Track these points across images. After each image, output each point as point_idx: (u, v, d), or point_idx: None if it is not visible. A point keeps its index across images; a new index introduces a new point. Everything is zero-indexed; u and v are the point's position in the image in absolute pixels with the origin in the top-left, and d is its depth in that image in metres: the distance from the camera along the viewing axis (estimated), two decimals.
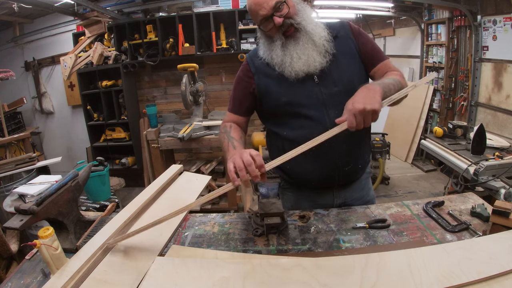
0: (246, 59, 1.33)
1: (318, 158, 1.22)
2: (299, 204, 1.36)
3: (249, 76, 1.28)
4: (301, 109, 1.20)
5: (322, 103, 1.19)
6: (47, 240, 0.87)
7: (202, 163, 3.43)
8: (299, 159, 1.07)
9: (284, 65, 1.17)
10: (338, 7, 5.10)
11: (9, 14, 3.79)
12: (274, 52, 1.18)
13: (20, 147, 3.58)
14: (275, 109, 1.25)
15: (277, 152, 1.25)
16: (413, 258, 0.88)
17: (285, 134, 1.25)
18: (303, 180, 1.31)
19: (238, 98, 1.34)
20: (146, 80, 4.16)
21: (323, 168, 1.25)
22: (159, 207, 1.31)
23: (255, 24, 1.22)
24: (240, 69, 1.34)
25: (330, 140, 1.04)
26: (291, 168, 1.30)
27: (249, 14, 1.19)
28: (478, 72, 3.70)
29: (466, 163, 2.10)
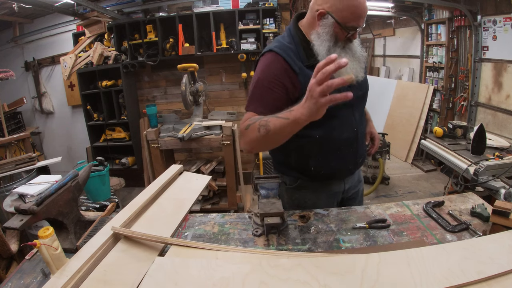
0: (279, 53, 1.15)
1: (345, 155, 1.31)
2: (314, 195, 1.40)
3: (290, 76, 1.14)
4: (336, 111, 1.14)
5: (350, 105, 1.25)
6: (47, 240, 0.87)
7: (202, 163, 3.42)
8: (329, 158, 1.26)
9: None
10: None
11: (9, 14, 3.79)
12: (329, 51, 1.11)
13: (20, 147, 3.58)
14: None
15: (296, 157, 1.32)
16: (413, 258, 0.88)
17: (317, 137, 1.24)
18: (328, 175, 1.36)
19: (273, 100, 1.14)
20: (146, 80, 4.16)
21: (347, 163, 1.36)
22: (159, 207, 1.31)
23: (339, 22, 1.09)
24: (266, 68, 1.17)
25: (354, 139, 1.26)
26: (315, 169, 1.31)
27: (344, 11, 1.08)
28: (478, 72, 3.70)
29: (466, 163, 2.10)
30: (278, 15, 3.58)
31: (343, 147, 1.25)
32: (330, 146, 1.23)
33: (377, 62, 6.56)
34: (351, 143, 1.29)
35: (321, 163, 1.28)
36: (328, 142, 1.23)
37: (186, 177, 1.60)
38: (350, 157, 1.35)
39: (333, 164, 1.32)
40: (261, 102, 1.16)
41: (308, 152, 1.27)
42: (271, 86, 1.15)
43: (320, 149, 1.23)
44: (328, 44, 1.12)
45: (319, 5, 1.12)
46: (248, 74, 3.83)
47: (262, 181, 1.28)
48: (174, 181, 1.54)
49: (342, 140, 1.27)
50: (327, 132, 1.24)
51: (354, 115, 1.29)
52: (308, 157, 1.29)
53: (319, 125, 1.14)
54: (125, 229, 1.06)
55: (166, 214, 1.26)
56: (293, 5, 3.80)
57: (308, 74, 1.06)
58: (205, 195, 3.39)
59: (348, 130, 1.26)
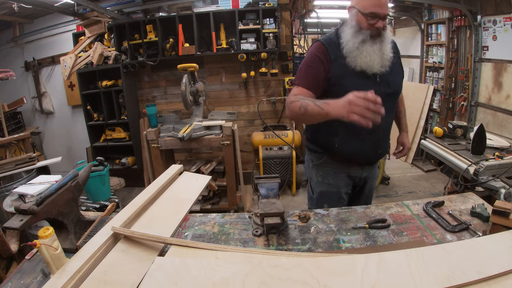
0: (323, 43, 1.40)
1: (366, 140, 1.47)
2: (334, 176, 1.58)
3: (328, 61, 1.38)
4: None
5: None
6: (47, 240, 0.87)
7: (202, 163, 3.42)
8: (351, 140, 1.45)
9: (357, 53, 1.34)
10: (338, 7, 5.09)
11: (9, 14, 3.78)
12: (355, 39, 1.34)
13: (20, 147, 3.58)
14: (340, 96, 1.29)
15: (325, 133, 1.51)
16: (413, 258, 0.88)
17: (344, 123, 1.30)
18: (348, 156, 1.53)
19: (316, 77, 1.40)
20: (146, 80, 4.16)
21: (368, 149, 1.52)
22: (159, 207, 1.31)
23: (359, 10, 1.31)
24: (315, 49, 1.41)
25: (376, 129, 1.32)
26: (339, 147, 1.50)
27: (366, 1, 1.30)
28: (478, 72, 3.70)
29: (466, 163, 2.10)
30: (278, 15, 3.58)
31: (364, 133, 1.42)
32: (352, 130, 1.37)
33: None
34: (373, 131, 1.37)
35: (344, 142, 1.48)
36: (352, 125, 1.27)
37: (186, 177, 1.60)
38: (370, 145, 1.51)
39: (355, 146, 1.49)
40: (305, 78, 1.43)
41: (335, 130, 1.47)
42: (312, 65, 1.41)
43: (344, 130, 1.44)
44: (352, 30, 1.34)
45: (351, 3, 1.35)
46: (248, 74, 3.83)
47: (262, 181, 1.28)
48: (174, 181, 1.54)
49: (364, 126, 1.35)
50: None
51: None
52: (335, 135, 1.48)
53: None
54: (125, 229, 1.06)
55: (166, 214, 1.26)
56: (293, 5, 3.80)
57: (343, 62, 1.36)
58: (205, 195, 3.39)
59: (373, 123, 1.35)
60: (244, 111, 4.12)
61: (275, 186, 1.27)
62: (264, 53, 3.62)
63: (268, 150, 3.70)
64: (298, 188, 3.94)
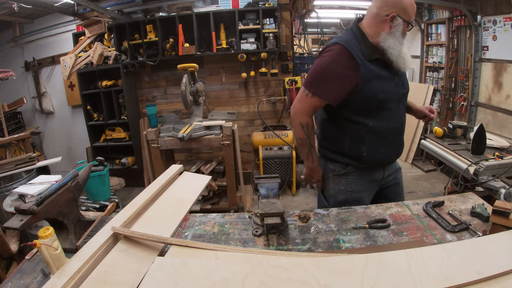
0: (345, 48, 1.32)
1: (391, 144, 1.48)
2: (357, 183, 1.54)
3: (353, 67, 1.32)
4: (388, 103, 1.41)
5: (398, 99, 1.45)
6: (47, 240, 0.87)
7: (202, 163, 3.42)
8: (378, 145, 1.44)
9: (401, 55, 1.36)
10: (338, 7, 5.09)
11: (9, 14, 3.78)
12: (400, 44, 1.35)
13: (20, 147, 3.58)
14: (369, 102, 1.38)
15: (351, 143, 1.46)
16: (413, 258, 0.88)
17: (370, 125, 1.40)
18: (375, 162, 1.50)
19: (335, 86, 1.35)
20: (146, 80, 4.16)
21: (393, 151, 1.52)
22: (159, 207, 1.31)
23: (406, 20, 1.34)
24: (334, 55, 1.34)
25: (400, 130, 1.48)
26: (367, 155, 1.46)
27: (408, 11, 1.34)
28: (478, 72, 3.70)
29: (466, 163, 2.10)
30: (278, 15, 3.57)
31: (390, 136, 1.45)
32: (380, 134, 1.42)
33: None
34: (397, 132, 1.49)
35: (372, 149, 1.44)
36: (378, 130, 1.41)
37: (186, 177, 1.60)
38: (395, 146, 1.52)
39: (382, 151, 1.47)
40: (325, 88, 1.36)
41: (361, 138, 1.43)
42: (336, 76, 1.34)
43: (372, 137, 1.42)
44: (401, 39, 1.35)
45: (387, 11, 1.33)
46: (248, 74, 3.83)
47: (262, 181, 1.28)
48: (174, 181, 1.54)
49: (390, 129, 1.45)
50: (378, 121, 1.41)
51: (399, 109, 1.48)
52: (362, 143, 1.44)
53: (372, 115, 1.40)
54: (125, 229, 1.06)
55: (166, 214, 1.26)
56: (293, 5, 3.80)
57: (368, 66, 1.33)
58: (205, 195, 3.39)
59: (395, 121, 1.45)
60: (244, 111, 4.12)
61: (275, 186, 1.27)
62: (264, 53, 3.62)
63: (268, 150, 3.70)
64: (298, 188, 3.94)
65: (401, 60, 1.37)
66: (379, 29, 1.35)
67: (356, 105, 1.39)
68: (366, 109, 1.39)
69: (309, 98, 1.39)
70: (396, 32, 1.33)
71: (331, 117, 1.51)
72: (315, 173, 1.56)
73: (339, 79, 1.34)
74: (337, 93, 1.36)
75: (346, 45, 1.33)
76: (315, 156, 1.51)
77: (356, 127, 1.42)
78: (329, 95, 1.37)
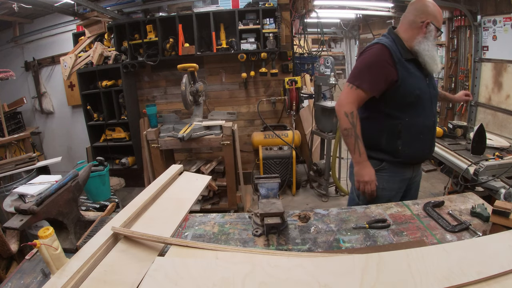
0: (386, 46, 1.49)
1: (424, 141, 1.60)
2: (389, 180, 1.62)
3: (391, 64, 1.47)
4: (422, 100, 1.54)
5: (430, 99, 1.58)
6: (47, 240, 0.87)
7: (202, 163, 3.42)
8: (413, 141, 1.55)
9: (434, 60, 1.52)
10: (338, 7, 5.10)
11: (9, 14, 3.78)
12: (433, 47, 1.51)
13: (20, 147, 3.58)
14: (406, 98, 1.51)
15: (387, 138, 1.57)
16: (413, 258, 0.88)
17: (406, 120, 1.53)
18: (409, 157, 1.59)
19: (377, 79, 1.48)
20: (146, 80, 4.16)
21: (426, 148, 1.63)
22: (159, 207, 1.31)
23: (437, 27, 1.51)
24: (375, 52, 1.50)
25: (432, 127, 1.61)
26: (402, 149, 1.56)
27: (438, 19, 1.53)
28: (478, 72, 3.70)
29: (466, 163, 2.10)
30: (278, 15, 3.57)
31: (424, 133, 1.57)
32: (415, 130, 1.54)
33: None
34: (430, 130, 1.61)
35: (407, 144, 1.55)
36: (414, 126, 1.54)
37: (186, 177, 1.60)
38: (428, 143, 1.63)
39: (416, 146, 1.58)
40: (367, 81, 1.49)
41: (398, 133, 1.55)
42: (378, 70, 1.48)
43: (407, 131, 1.54)
44: (433, 43, 1.51)
45: (422, 18, 1.50)
46: (248, 74, 3.83)
47: (262, 181, 1.28)
48: (174, 181, 1.54)
49: (424, 126, 1.57)
50: (414, 117, 1.53)
51: (432, 108, 1.61)
52: (398, 138, 1.56)
53: (408, 111, 1.52)
54: (125, 229, 1.06)
55: (166, 214, 1.26)
56: (293, 5, 3.80)
57: (405, 65, 1.49)
58: (205, 195, 3.39)
59: (429, 119, 1.58)
60: (244, 111, 4.12)
61: (275, 186, 1.27)
62: (264, 53, 3.62)
63: (268, 150, 3.70)
64: (298, 188, 3.94)
65: (433, 62, 1.51)
66: (414, 34, 1.51)
67: (394, 101, 1.52)
68: (403, 105, 1.52)
69: (353, 90, 1.52)
70: (429, 37, 1.50)
71: (370, 115, 1.61)
72: (364, 169, 1.54)
73: (380, 71, 1.48)
74: (378, 84, 1.48)
75: (386, 44, 1.49)
76: (362, 149, 1.52)
77: (393, 122, 1.54)
78: (371, 86, 1.49)
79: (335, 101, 3.59)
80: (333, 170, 3.54)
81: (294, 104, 3.74)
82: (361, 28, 7.20)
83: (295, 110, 3.82)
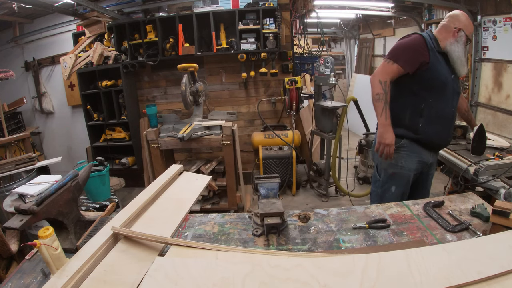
0: (422, 36, 1.73)
1: (444, 126, 1.80)
2: (408, 159, 1.81)
3: (425, 49, 1.70)
4: (447, 89, 1.74)
5: (452, 92, 1.78)
6: (47, 240, 0.87)
7: (202, 163, 3.42)
8: (434, 121, 1.75)
9: (460, 59, 1.73)
10: (338, 7, 5.10)
11: (9, 14, 3.78)
12: (461, 51, 1.73)
13: (20, 147, 3.58)
14: (433, 81, 1.71)
15: (411, 114, 1.77)
16: (413, 258, 0.88)
17: (430, 101, 1.73)
18: (427, 138, 1.78)
19: (412, 58, 1.70)
20: (146, 80, 4.16)
21: (444, 132, 1.82)
22: (159, 207, 1.31)
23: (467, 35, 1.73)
24: (413, 38, 1.75)
25: (451, 117, 1.81)
26: (422, 126, 1.76)
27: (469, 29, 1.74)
28: (478, 72, 3.70)
29: (466, 163, 2.10)
30: (278, 15, 3.57)
31: (443, 118, 1.77)
32: (436, 112, 1.74)
33: (377, 62, 6.56)
34: (450, 118, 1.81)
35: (428, 122, 1.75)
36: (435, 108, 1.74)
37: (186, 177, 1.60)
38: (446, 130, 1.83)
39: (435, 128, 1.77)
40: (401, 57, 1.72)
41: (421, 110, 1.75)
42: (413, 48, 1.72)
43: (429, 111, 1.74)
44: (463, 47, 1.74)
45: (455, 24, 1.73)
46: (248, 74, 3.82)
47: (262, 181, 1.28)
48: (174, 181, 1.54)
49: (445, 112, 1.77)
50: (437, 101, 1.73)
51: (454, 100, 1.80)
52: (420, 115, 1.76)
53: (433, 94, 1.72)
54: (125, 229, 1.06)
55: (166, 214, 1.26)
56: (293, 5, 3.80)
57: (436, 54, 1.71)
58: (205, 195, 3.39)
59: (449, 107, 1.78)
60: (244, 111, 4.12)
61: (275, 186, 1.27)
62: (264, 53, 3.62)
63: (268, 150, 3.70)
64: (298, 188, 3.94)
65: (460, 64, 1.73)
66: (447, 36, 1.74)
67: (422, 81, 1.71)
68: (429, 87, 1.72)
69: (390, 64, 1.73)
70: (460, 41, 1.72)
71: (399, 93, 1.79)
72: (387, 133, 1.71)
73: (415, 53, 1.70)
74: (412, 63, 1.69)
75: (423, 34, 1.74)
76: (388, 114, 1.71)
77: (418, 100, 1.74)
78: (406, 63, 1.70)
79: (335, 101, 3.60)
80: (333, 170, 3.54)
81: (294, 104, 3.74)
82: (361, 28, 7.20)
83: (295, 110, 3.82)
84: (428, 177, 1.95)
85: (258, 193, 1.28)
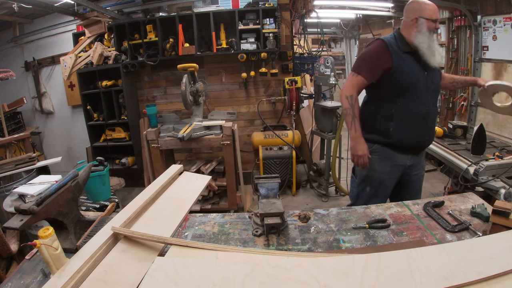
0: (384, 41, 1.72)
1: (417, 127, 1.74)
2: (380, 163, 1.81)
3: (387, 54, 1.69)
4: (416, 89, 1.70)
5: (426, 89, 1.72)
6: (47, 240, 0.87)
7: (202, 163, 3.42)
8: (405, 124, 1.72)
9: (431, 51, 1.66)
10: (338, 7, 5.10)
11: (9, 14, 3.78)
12: (429, 38, 1.65)
13: (20, 147, 3.58)
14: (399, 84, 1.69)
15: (381, 119, 1.77)
16: (413, 258, 0.88)
17: (399, 105, 1.71)
18: (398, 141, 1.76)
19: (373, 67, 1.71)
20: (146, 80, 4.16)
21: (417, 135, 1.77)
22: (159, 207, 1.31)
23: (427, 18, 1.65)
24: (374, 46, 1.75)
25: (426, 116, 1.74)
26: (393, 130, 1.75)
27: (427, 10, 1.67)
28: (478, 72, 3.70)
29: (466, 163, 2.10)
30: (278, 15, 3.57)
31: (416, 119, 1.72)
32: (407, 114, 1.72)
33: None
34: (423, 118, 1.74)
35: (398, 126, 1.74)
36: (406, 111, 1.71)
37: (186, 177, 1.60)
38: (421, 131, 1.77)
39: (407, 131, 1.74)
40: (364, 68, 1.74)
41: (391, 115, 1.74)
42: (372, 59, 1.73)
43: (400, 115, 1.72)
44: (428, 34, 1.66)
45: (410, 16, 1.70)
46: (248, 74, 3.82)
47: (262, 181, 1.28)
48: (174, 181, 1.54)
49: (417, 113, 1.73)
50: (407, 103, 1.71)
51: (428, 97, 1.74)
52: (390, 120, 1.75)
53: (402, 97, 1.70)
54: (125, 229, 1.06)
55: (166, 214, 1.26)
56: (293, 5, 3.80)
57: (401, 55, 1.69)
58: (205, 195, 3.39)
59: (422, 107, 1.73)
60: (244, 111, 4.12)
61: (275, 186, 1.27)
62: (264, 53, 3.62)
63: (268, 150, 3.70)
64: (298, 188, 3.94)
65: (430, 54, 1.66)
66: (410, 30, 1.70)
67: (389, 86, 1.70)
68: (397, 90, 1.70)
69: (355, 77, 1.75)
70: (422, 30, 1.66)
71: (370, 99, 1.84)
72: (359, 145, 1.75)
73: (377, 60, 1.71)
74: (375, 72, 1.70)
75: (384, 39, 1.74)
76: (358, 126, 1.75)
77: (388, 106, 1.74)
78: (369, 73, 1.72)
79: (335, 101, 3.60)
80: (333, 170, 3.54)
81: (294, 104, 3.74)
82: (361, 28, 7.20)
83: (295, 110, 3.82)
84: (412, 178, 1.90)
85: (258, 193, 1.28)
